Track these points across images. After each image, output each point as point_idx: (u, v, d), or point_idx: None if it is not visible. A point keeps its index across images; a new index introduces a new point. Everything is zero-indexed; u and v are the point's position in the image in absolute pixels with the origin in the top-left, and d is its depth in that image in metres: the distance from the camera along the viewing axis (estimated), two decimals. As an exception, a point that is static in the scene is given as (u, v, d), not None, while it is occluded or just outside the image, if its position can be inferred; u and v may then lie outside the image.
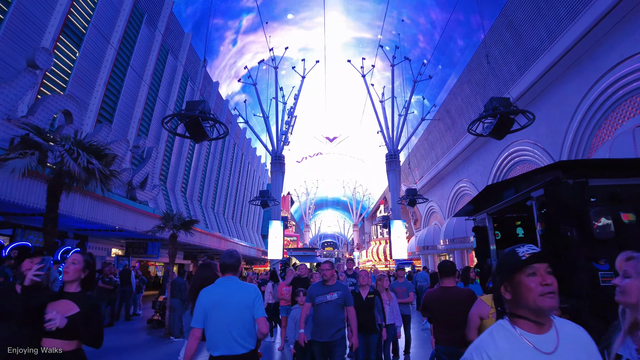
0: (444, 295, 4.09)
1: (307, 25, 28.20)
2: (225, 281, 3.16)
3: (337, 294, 4.70)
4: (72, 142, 7.78)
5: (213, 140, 12.37)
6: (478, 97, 24.68)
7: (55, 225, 7.97)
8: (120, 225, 12.90)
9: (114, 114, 15.75)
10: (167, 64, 19.30)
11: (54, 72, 12.94)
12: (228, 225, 26.99)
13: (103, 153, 8.35)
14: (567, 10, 16.78)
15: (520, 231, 8.80)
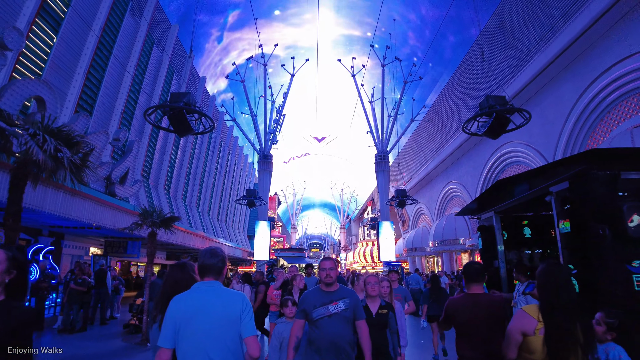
0: (471, 303, 3.33)
1: (295, 22, 27.45)
2: (204, 287, 2.39)
3: (344, 303, 3.32)
4: (38, 127, 6.88)
5: (198, 134, 11.54)
6: (469, 98, 24.24)
7: (18, 221, 7.07)
8: (97, 223, 11.94)
9: (95, 105, 14.75)
10: (152, 56, 18.34)
11: (29, 57, 11.95)
12: (213, 224, 26.01)
13: (74, 141, 7.45)
14: (561, 11, 16.38)
15: (527, 231, 8.17)
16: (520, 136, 18.46)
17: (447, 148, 25.13)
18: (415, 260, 31.62)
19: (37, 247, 11.86)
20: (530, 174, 6.34)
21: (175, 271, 2.88)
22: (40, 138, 6.71)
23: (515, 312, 3.14)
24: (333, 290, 3.40)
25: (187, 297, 2.33)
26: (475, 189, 22.01)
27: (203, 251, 2.51)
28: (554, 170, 5.59)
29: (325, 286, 3.42)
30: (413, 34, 26.16)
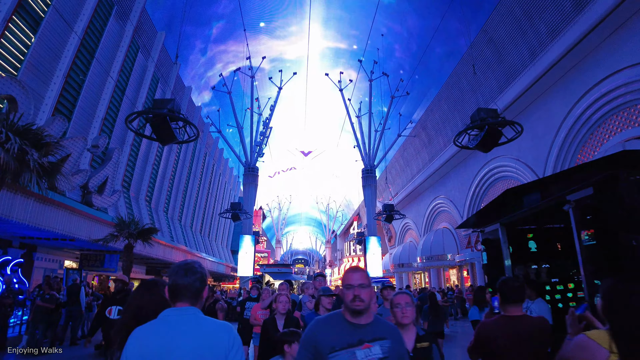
0: (510, 328, 2.70)
1: (282, 35, 27.06)
2: (175, 317, 1.69)
3: (382, 349, 1.97)
4: (2, 124, 6.13)
5: (182, 143, 10.83)
6: (456, 113, 24.06)
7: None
8: (71, 234, 11.04)
9: (74, 111, 13.93)
10: (136, 62, 17.64)
11: (3, 55, 11.16)
12: (196, 238, 25.00)
13: (43, 142, 6.70)
14: (549, 27, 16.36)
15: (532, 245, 7.65)
16: (510, 151, 18.19)
17: (434, 163, 24.81)
18: (402, 276, 30.98)
19: (4, 260, 10.87)
20: (542, 182, 5.83)
21: (141, 293, 2.16)
22: (3, 136, 5.95)
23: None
24: (365, 324, 2.03)
25: (151, 331, 1.63)
26: (464, 204, 21.64)
27: (175, 267, 1.79)
28: (571, 177, 5.09)
29: (352, 315, 2.04)
30: (400, 48, 26.05)
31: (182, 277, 1.73)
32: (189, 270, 1.76)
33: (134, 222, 8.44)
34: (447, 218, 23.82)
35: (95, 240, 8.45)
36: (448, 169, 23.49)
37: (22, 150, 6.24)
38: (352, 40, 26.92)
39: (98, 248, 14.10)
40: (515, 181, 18.31)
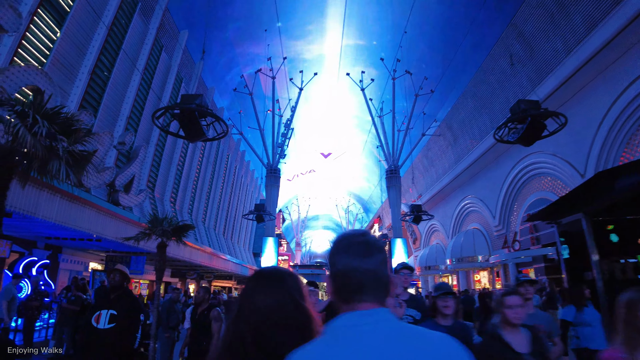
0: None
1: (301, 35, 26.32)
2: (374, 327, 0.90)
3: None
4: (28, 105, 5.47)
5: (210, 140, 10.17)
6: (483, 111, 23.04)
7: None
8: (98, 234, 10.41)
9: (99, 108, 13.38)
10: (160, 61, 17.12)
11: (29, 50, 10.64)
12: (219, 240, 24.37)
13: (74, 127, 6.02)
14: (585, 18, 15.36)
15: (614, 237, 6.72)
16: (546, 146, 17.13)
17: (462, 162, 23.78)
18: (427, 279, 29.90)
19: (29, 261, 10.28)
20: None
21: (263, 289, 1.27)
22: (30, 119, 5.28)
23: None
24: None
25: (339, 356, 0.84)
26: (496, 203, 20.57)
27: (343, 239, 1.05)
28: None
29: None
30: (424, 45, 25.11)
31: (363, 256, 0.97)
32: (370, 246, 0.99)
33: (168, 218, 7.72)
34: (477, 218, 22.74)
35: (125, 239, 7.77)
36: (477, 167, 22.44)
37: (50, 136, 5.56)
38: (372, 37, 26.06)
39: (124, 249, 13.50)
40: (553, 178, 17.24)
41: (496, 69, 21.40)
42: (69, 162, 5.91)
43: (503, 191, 19.95)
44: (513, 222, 19.65)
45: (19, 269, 10.11)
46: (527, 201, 18.70)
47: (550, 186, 17.40)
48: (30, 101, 5.64)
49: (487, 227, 21.76)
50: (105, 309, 3.95)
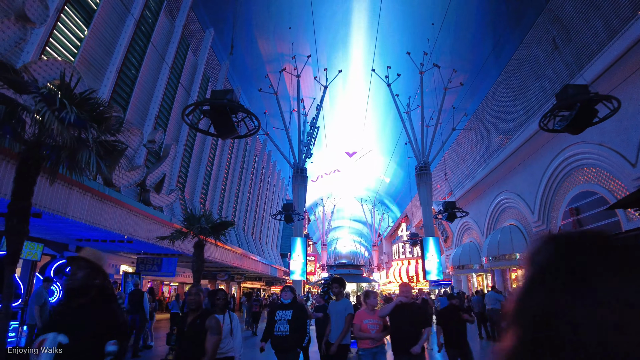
0: None
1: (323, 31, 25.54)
2: None
3: None
4: (55, 90, 4.87)
5: (241, 137, 9.51)
6: (517, 102, 21.82)
7: (25, 221, 4.94)
8: (129, 235, 9.87)
9: (127, 107, 12.93)
10: (187, 61, 16.65)
11: (57, 48, 10.22)
12: (248, 242, 23.81)
13: (106, 115, 5.40)
14: None
15: None
16: (589, 136, 15.85)
17: (497, 156, 22.57)
18: (460, 279, 28.68)
19: (61, 264, 9.81)
20: None
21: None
22: (57, 103, 4.67)
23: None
24: None
25: None
26: (534, 198, 19.34)
27: None
28: None
29: None
30: (453, 38, 24.02)
31: None
32: None
33: (206, 215, 7.04)
34: (514, 214, 21.49)
35: (160, 238, 7.16)
36: (514, 161, 21.20)
37: (79, 124, 4.94)
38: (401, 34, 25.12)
39: (155, 251, 13.00)
40: (598, 169, 15.95)
41: (531, 58, 20.19)
42: (99, 153, 5.29)
43: (542, 185, 18.71)
44: (554, 217, 18.40)
45: (50, 272, 9.65)
46: (569, 195, 17.43)
47: (596, 178, 16.14)
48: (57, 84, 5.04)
49: (525, 224, 20.52)
50: (53, 331, 2.13)
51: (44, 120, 4.66)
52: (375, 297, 5.05)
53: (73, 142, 4.82)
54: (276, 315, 4.79)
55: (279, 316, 4.75)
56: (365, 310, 4.97)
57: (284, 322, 4.68)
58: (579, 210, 16.76)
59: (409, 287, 4.87)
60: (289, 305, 4.83)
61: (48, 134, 4.85)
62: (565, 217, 17.47)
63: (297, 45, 24.89)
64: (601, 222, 15.53)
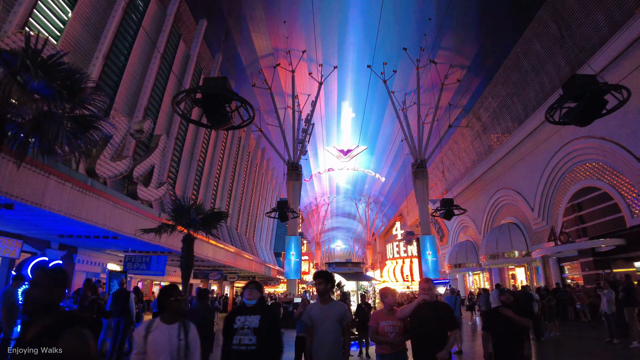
0: None
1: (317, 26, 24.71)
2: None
3: None
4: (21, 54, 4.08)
5: (235, 128, 8.76)
6: (515, 98, 21.32)
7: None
8: (114, 229, 9.03)
9: (114, 97, 12.10)
10: (178, 51, 15.81)
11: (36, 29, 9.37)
12: (242, 240, 22.95)
13: (80, 85, 4.60)
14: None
15: None
16: (593, 130, 15.40)
17: (495, 153, 22.04)
18: (456, 277, 28.11)
19: (40, 261, 8.94)
20: None
21: None
22: (18, 64, 3.87)
23: None
24: None
25: None
26: (534, 195, 18.81)
27: None
28: None
29: None
30: (449, 34, 23.41)
31: None
32: None
33: (196, 206, 6.26)
34: (513, 212, 20.94)
35: (144, 231, 6.39)
36: (513, 158, 20.67)
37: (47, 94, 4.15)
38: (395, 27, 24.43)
39: (144, 249, 12.15)
40: (602, 164, 15.44)
41: (530, 53, 19.71)
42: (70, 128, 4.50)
43: (543, 181, 18.18)
44: (554, 213, 17.87)
45: (26, 270, 8.79)
46: (570, 191, 16.93)
47: (599, 173, 15.64)
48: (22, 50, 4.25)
49: (524, 221, 19.99)
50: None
51: (3, 87, 3.87)
52: (393, 296, 4.31)
53: (40, 115, 4.03)
54: (235, 322, 3.30)
55: (240, 323, 3.28)
56: (383, 311, 4.24)
57: (248, 332, 3.24)
58: (581, 206, 16.24)
59: (431, 284, 4.14)
60: (255, 308, 3.38)
61: (10, 105, 4.05)
62: (567, 213, 16.95)
63: (291, 40, 24.14)
64: (605, 218, 15.02)
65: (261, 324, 3.24)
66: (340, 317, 3.79)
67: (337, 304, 3.93)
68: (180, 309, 2.88)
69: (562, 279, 17.65)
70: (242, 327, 3.23)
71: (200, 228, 6.22)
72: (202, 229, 6.26)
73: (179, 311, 2.88)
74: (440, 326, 3.85)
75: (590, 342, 9.73)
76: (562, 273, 18.06)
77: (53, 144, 4.39)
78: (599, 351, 8.88)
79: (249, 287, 3.45)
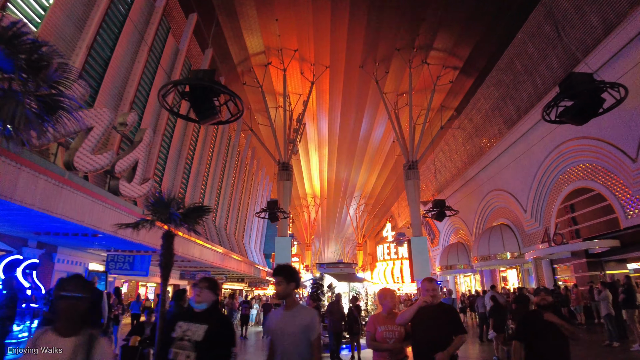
0: None
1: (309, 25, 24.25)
2: None
3: None
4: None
5: (224, 123, 8.34)
6: (508, 100, 21.13)
7: None
8: (93, 226, 8.48)
9: (98, 89, 11.55)
10: (167, 45, 15.28)
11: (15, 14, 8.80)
12: (231, 241, 22.37)
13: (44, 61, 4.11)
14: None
15: None
16: (587, 130, 15.22)
17: (488, 154, 21.80)
18: (447, 279, 27.81)
19: (11, 260, 8.35)
20: None
21: None
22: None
23: None
24: None
25: None
26: (527, 196, 18.59)
27: None
28: None
29: None
30: (442, 34, 23.15)
31: None
32: None
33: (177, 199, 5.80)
34: (505, 213, 20.71)
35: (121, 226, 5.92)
36: (506, 159, 20.45)
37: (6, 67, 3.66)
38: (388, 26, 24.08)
39: (127, 248, 11.59)
40: (595, 165, 15.23)
41: (523, 54, 19.56)
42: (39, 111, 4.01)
43: (535, 182, 17.97)
44: (547, 215, 17.65)
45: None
46: (564, 192, 16.72)
47: (592, 174, 15.44)
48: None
49: (516, 222, 19.75)
50: None
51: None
52: (393, 298, 3.85)
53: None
54: (175, 329, 2.52)
55: (180, 332, 2.50)
56: (381, 314, 3.79)
57: (187, 347, 2.43)
58: (575, 207, 16.02)
59: (434, 284, 3.68)
60: (204, 315, 2.58)
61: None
62: (560, 215, 16.72)
63: (284, 38, 23.70)
64: (598, 219, 14.80)
65: (206, 337, 2.43)
66: (306, 329, 2.75)
67: (304, 311, 2.89)
68: (79, 312, 1.92)
69: (554, 281, 17.40)
70: (181, 338, 2.46)
71: (182, 224, 5.73)
72: (183, 224, 5.78)
73: (77, 316, 1.92)
74: (445, 332, 3.41)
75: (589, 346, 9.43)
76: (555, 275, 17.83)
77: (16, 126, 3.89)
78: (599, 354, 8.55)
79: (200, 285, 2.63)
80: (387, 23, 23.02)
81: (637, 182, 12.98)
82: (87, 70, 11.03)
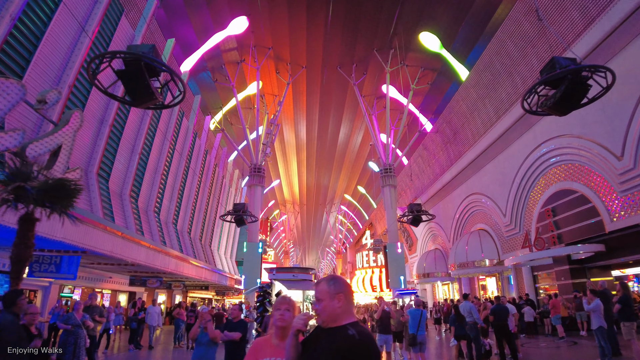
0: None
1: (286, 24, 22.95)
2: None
3: None
4: None
5: (164, 108, 6.83)
6: (487, 101, 20.10)
7: None
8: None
9: (27, 68, 9.97)
10: (119, 29, 13.73)
11: None
12: (195, 246, 20.61)
13: None
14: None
15: None
16: (570, 127, 14.22)
17: (465, 157, 20.67)
18: (425, 288, 26.42)
19: None
20: None
21: None
22: None
23: None
24: None
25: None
26: (506, 200, 17.42)
27: None
28: None
29: None
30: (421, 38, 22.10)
31: None
32: None
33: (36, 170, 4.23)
34: (484, 218, 19.49)
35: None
36: (483, 161, 19.32)
37: None
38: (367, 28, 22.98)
39: (54, 247, 9.88)
40: (578, 164, 14.09)
41: (502, 53, 18.58)
42: None
43: (515, 185, 16.83)
44: (528, 219, 16.48)
45: None
46: (545, 194, 15.58)
47: (575, 175, 14.31)
48: None
49: (495, 228, 18.55)
50: None
51: None
52: (292, 309, 2.32)
53: None
54: None
55: None
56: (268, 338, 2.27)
57: None
58: (556, 210, 14.86)
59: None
60: None
61: None
62: (541, 219, 15.54)
63: (257, 35, 22.38)
64: (582, 223, 13.65)
65: None
66: None
67: None
68: None
69: (535, 289, 16.17)
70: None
71: (41, 204, 4.17)
72: (44, 205, 4.22)
73: None
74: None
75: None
76: (536, 283, 16.60)
77: None
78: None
79: None
80: (365, 20, 21.88)
81: (623, 181, 11.86)
82: (10, 44, 9.47)
